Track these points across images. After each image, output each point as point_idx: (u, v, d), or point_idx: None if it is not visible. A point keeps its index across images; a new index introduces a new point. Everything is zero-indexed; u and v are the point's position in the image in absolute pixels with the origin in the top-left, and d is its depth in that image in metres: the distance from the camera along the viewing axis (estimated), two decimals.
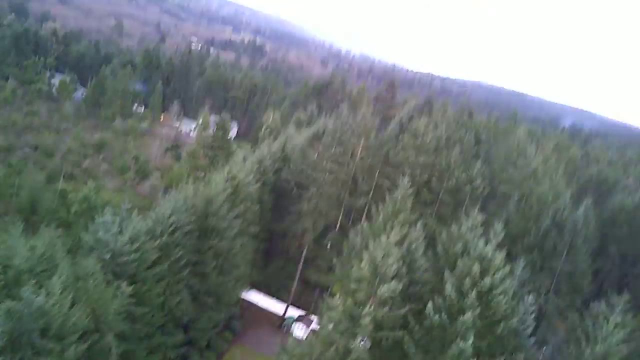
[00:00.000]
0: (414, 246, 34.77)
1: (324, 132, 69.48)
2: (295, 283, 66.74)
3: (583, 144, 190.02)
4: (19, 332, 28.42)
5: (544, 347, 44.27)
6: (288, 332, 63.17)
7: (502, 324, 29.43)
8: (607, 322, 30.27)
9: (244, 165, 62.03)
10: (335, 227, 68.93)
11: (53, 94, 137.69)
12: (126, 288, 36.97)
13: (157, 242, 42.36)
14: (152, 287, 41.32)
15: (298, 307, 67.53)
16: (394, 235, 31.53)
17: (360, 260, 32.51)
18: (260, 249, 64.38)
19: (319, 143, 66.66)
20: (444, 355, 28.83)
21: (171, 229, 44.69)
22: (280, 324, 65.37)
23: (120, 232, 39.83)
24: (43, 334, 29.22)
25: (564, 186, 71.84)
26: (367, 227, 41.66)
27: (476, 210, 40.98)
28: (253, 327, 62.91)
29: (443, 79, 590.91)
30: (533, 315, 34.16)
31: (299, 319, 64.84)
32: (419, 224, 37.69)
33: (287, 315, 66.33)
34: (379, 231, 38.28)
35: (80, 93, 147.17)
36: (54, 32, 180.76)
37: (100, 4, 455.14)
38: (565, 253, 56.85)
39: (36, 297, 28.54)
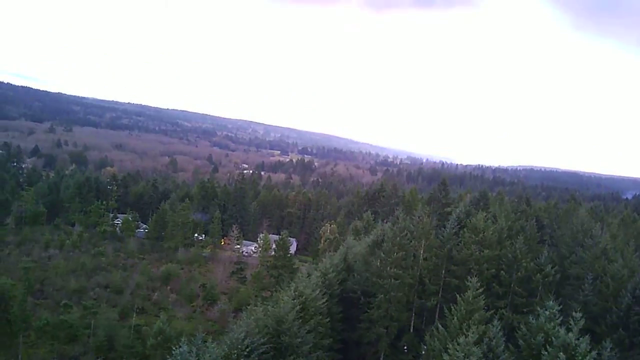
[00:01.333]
0: (494, 342, 34.12)
1: (383, 239, 69.78)
2: None
3: None
4: None
5: None
6: None
7: None
8: None
9: (309, 280, 62.53)
10: (409, 329, 67.78)
11: (117, 234, 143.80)
12: None
13: None
14: None
15: None
16: (472, 335, 31.19)
17: None
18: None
19: (379, 250, 66.81)
20: None
21: (247, 351, 44.95)
22: None
23: None
24: None
25: (638, 261, 69.43)
26: (443, 330, 41.02)
27: (551, 299, 40.11)
28: None
29: (494, 169, 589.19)
30: None
31: None
32: (495, 321, 37.11)
33: None
34: (455, 332, 37.79)
35: (142, 229, 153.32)
36: (114, 177, 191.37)
37: (153, 145, 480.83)
38: None
39: None
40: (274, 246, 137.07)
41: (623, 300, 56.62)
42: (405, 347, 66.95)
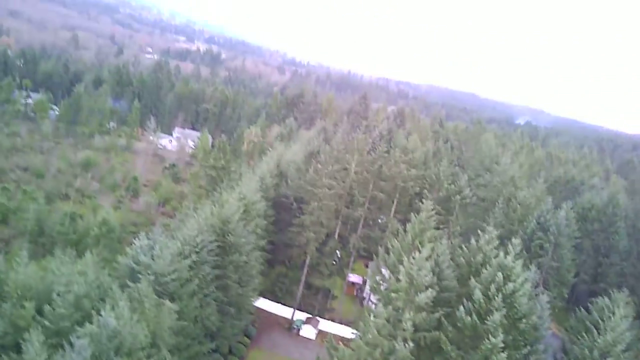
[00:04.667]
0: (441, 259, 39.56)
1: (319, 151, 73.78)
2: (300, 288, 71.33)
3: (542, 142, 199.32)
4: (99, 352, 31.92)
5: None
6: (298, 334, 68.57)
7: (524, 321, 34.50)
8: (614, 315, 35.60)
9: (251, 184, 66.10)
10: (334, 235, 73.69)
11: (29, 114, 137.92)
12: (172, 306, 40.73)
13: (187, 261, 45.92)
14: (188, 302, 45.07)
15: (303, 310, 72.36)
16: (425, 251, 36.14)
17: (397, 274, 37.27)
18: (265, 259, 68.42)
19: (315, 161, 70.74)
20: (477, 350, 33.76)
21: (198, 248, 48.49)
22: (290, 326, 69.93)
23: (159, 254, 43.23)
24: (117, 352, 32.79)
25: (544, 191, 78.11)
26: (398, 245, 45.99)
27: (492, 227, 45.51)
28: (266, 332, 67.26)
29: (397, 83, 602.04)
30: (549, 312, 39.75)
31: (307, 321, 69.91)
32: (444, 240, 42.59)
33: (295, 318, 70.96)
34: (408, 247, 43.01)
35: (53, 112, 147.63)
36: (23, 53, 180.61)
37: (51, 16, 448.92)
38: (551, 251, 63.00)
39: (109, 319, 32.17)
40: (190, 143, 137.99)
41: (529, 226, 64.90)
42: (329, 252, 73.16)
